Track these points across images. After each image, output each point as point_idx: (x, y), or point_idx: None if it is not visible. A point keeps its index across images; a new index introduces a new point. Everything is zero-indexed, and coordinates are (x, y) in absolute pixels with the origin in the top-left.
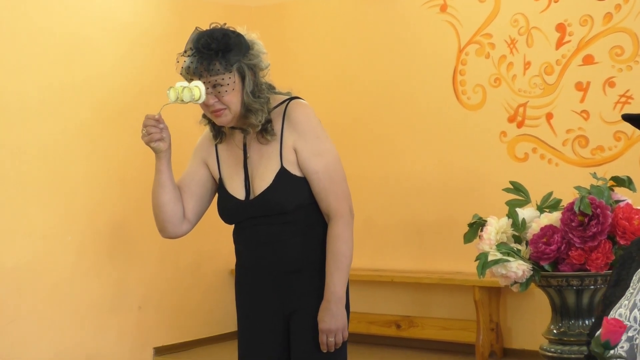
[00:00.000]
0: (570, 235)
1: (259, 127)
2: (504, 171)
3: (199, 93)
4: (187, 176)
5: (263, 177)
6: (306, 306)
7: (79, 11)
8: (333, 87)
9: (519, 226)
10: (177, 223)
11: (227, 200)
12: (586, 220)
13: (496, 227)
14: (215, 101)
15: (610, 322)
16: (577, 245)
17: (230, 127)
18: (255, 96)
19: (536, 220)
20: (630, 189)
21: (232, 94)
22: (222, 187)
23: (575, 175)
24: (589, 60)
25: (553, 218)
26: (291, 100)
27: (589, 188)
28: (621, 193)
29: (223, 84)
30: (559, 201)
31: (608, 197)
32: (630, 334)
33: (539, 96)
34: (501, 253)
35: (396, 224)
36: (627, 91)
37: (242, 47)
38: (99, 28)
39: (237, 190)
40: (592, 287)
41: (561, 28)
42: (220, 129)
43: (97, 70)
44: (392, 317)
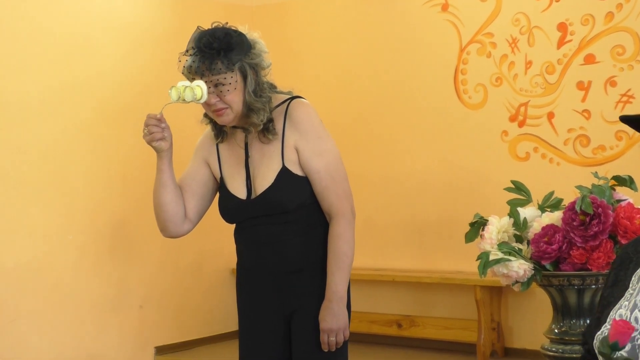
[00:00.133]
0: (572, 234)
1: (260, 127)
2: (505, 170)
3: (200, 92)
4: (188, 175)
5: (264, 177)
6: (307, 306)
7: (79, 11)
8: (334, 87)
9: (520, 225)
10: (178, 222)
11: (228, 199)
12: (587, 219)
13: (497, 226)
14: (217, 100)
15: (619, 323)
16: (579, 245)
17: (232, 127)
18: (257, 95)
19: (537, 219)
20: (632, 189)
21: (234, 94)
22: (223, 186)
23: (577, 175)
24: (590, 60)
25: (554, 217)
26: (293, 100)
27: (590, 187)
28: (622, 192)
29: (225, 84)
30: (560, 200)
31: (609, 196)
32: (632, 335)
33: (540, 95)
34: (502, 252)
35: (397, 223)
36: (629, 90)
37: (244, 47)
38: (99, 27)
39: (238, 190)
40: (593, 286)
41: (562, 27)
42: (221, 128)
43: (97, 69)
44: (393, 316)
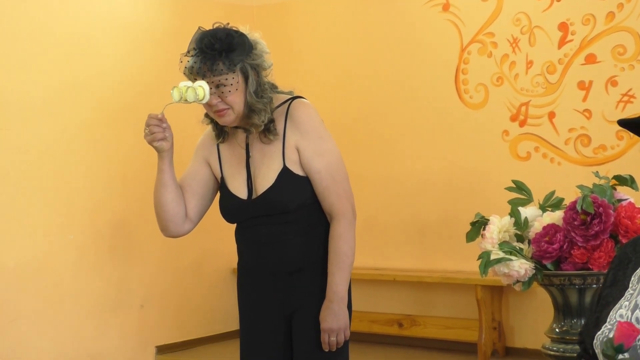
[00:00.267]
0: (573, 234)
1: (261, 127)
2: (506, 170)
3: (203, 93)
4: (189, 175)
5: (265, 177)
6: (307, 306)
7: (79, 11)
8: (335, 86)
9: (521, 225)
10: (179, 222)
11: (229, 199)
12: (588, 219)
13: (498, 225)
14: (218, 101)
15: (624, 325)
16: (580, 244)
17: (233, 127)
18: (258, 96)
19: (538, 219)
20: (633, 188)
21: (236, 94)
22: (224, 186)
23: (578, 174)
24: (591, 60)
25: (555, 217)
26: (294, 100)
27: (591, 187)
28: (623, 192)
29: (226, 84)
30: (562, 200)
31: (610, 196)
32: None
33: (541, 95)
34: (503, 252)
35: (398, 223)
36: (630, 90)
37: (246, 47)
38: (99, 27)
39: (239, 190)
40: (594, 285)
41: (563, 27)
42: (222, 128)
43: (98, 69)
44: (394, 316)
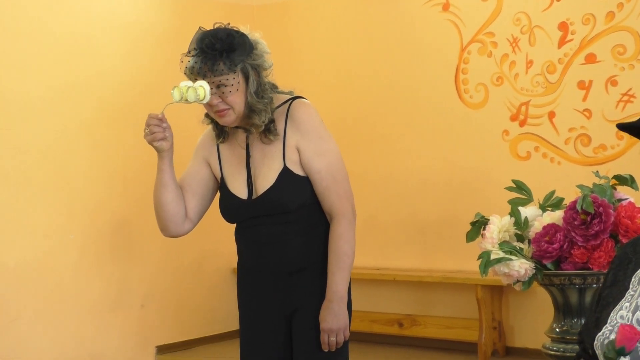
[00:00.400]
0: (573, 233)
1: (262, 127)
2: (506, 170)
3: (203, 93)
4: (189, 175)
5: (266, 177)
6: (308, 306)
7: (80, 11)
8: (335, 86)
9: (521, 225)
10: (179, 222)
11: (229, 199)
12: (588, 218)
13: (499, 225)
14: (219, 101)
15: (626, 328)
16: (580, 244)
17: (233, 127)
18: (259, 96)
19: (539, 218)
20: (633, 188)
21: (236, 95)
22: (224, 186)
23: (578, 174)
24: (591, 59)
25: (555, 217)
26: (294, 100)
27: (591, 187)
28: (623, 191)
29: (227, 85)
30: (562, 200)
31: (610, 195)
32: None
33: (541, 95)
34: (504, 252)
35: (398, 223)
36: (630, 90)
37: (246, 47)
38: (100, 27)
39: (239, 190)
40: (594, 285)
41: (563, 27)
42: (223, 128)
43: (98, 69)
44: (394, 315)
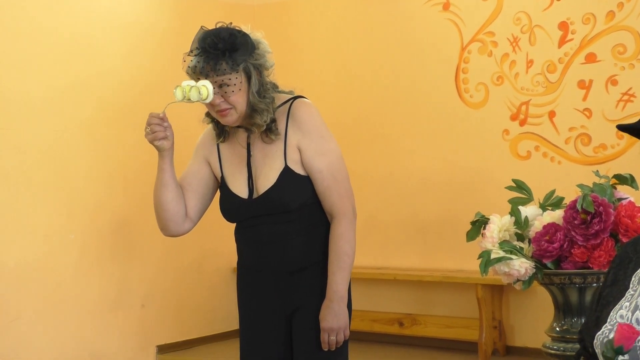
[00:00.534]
0: (573, 233)
1: (264, 127)
2: (506, 169)
3: (206, 92)
4: (189, 174)
5: (267, 176)
6: (308, 305)
7: (80, 10)
8: (335, 86)
9: (521, 224)
10: (179, 222)
11: (229, 198)
12: (589, 218)
13: (499, 225)
14: (221, 101)
15: (624, 327)
16: (580, 243)
17: (234, 126)
18: (261, 96)
19: (539, 218)
20: (633, 187)
21: (238, 94)
22: (224, 185)
23: (578, 173)
24: (591, 59)
25: (556, 216)
26: (295, 99)
27: (591, 186)
28: (623, 191)
29: (230, 84)
30: (562, 199)
31: (610, 195)
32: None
33: (541, 94)
34: (504, 251)
35: (399, 222)
36: (630, 89)
37: (249, 47)
38: (100, 27)
39: (240, 189)
40: (594, 284)
41: (564, 26)
42: (223, 127)
43: (98, 69)
44: (394, 315)
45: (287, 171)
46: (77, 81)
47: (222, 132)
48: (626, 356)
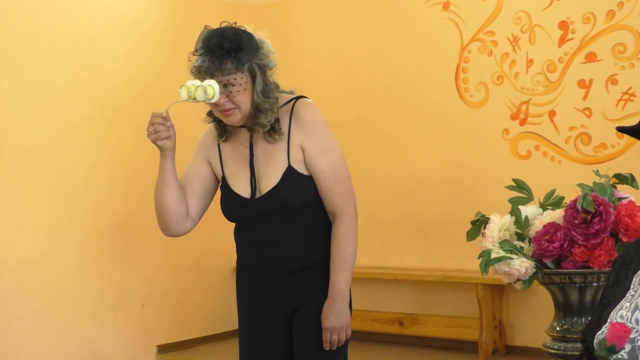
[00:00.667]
0: (573, 232)
1: (268, 127)
2: (506, 169)
3: (212, 92)
4: (190, 173)
5: (270, 176)
6: (308, 305)
7: (81, 10)
8: (335, 85)
9: (521, 224)
10: (181, 221)
11: (231, 198)
12: (589, 217)
13: (499, 224)
14: (226, 100)
15: (616, 326)
16: (580, 243)
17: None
18: (265, 96)
19: (539, 217)
20: (633, 186)
21: (243, 94)
22: (226, 185)
23: (578, 173)
24: (591, 58)
25: (556, 215)
26: (298, 99)
27: (591, 185)
28: (624, 190)
29: (235, 84)
30: (562, 198)
31: (611, 194)
32: (632, 336)
33: (541, 94)
34: (504, 250)
35: (399, 222)
36: (630, 88)
37: (253, 47)
38: (100, 27)
39: (242, 189)
40: (595, 284)
41: (564, 26)
42: (225, 127)
43: (99, 69)
44: (395, 314)
45: (290, 171)
46: (77, 81)
47: (224, 131)
48: (619, 355)
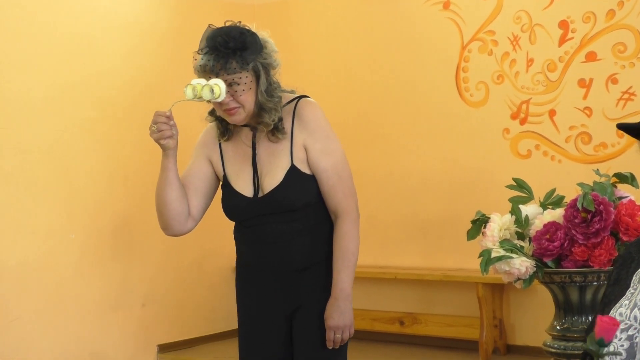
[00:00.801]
0: (573, 231)
1: (271, 126)
2: (507, 168)
3: (219, 91)
4: (191, 173)
5: (273, 175)
6: (309, 305)
7: (81, 10)
8: (336, 85)
9: (522, 223)
10: (182, 221)
11: (233, 197)
12: (589, 216)
13: (499, 223)
14: (230, 99)
15: (604, 319)
16: (580, 242)
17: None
18: (269, 95)
19: (539, 216)
20: (633, 186)
21: (248, 93)
22: (227, 184)
23: (578, 172)
24: (591, 57)
25: (556, 215)
26: (300, 99)
27: (592, 184)
28: (624, 189)
29: (240, 83)
30: (562, 198)
31: (611, 193)
32: (630, 333)
33: (541, 93)
34: (504, 250)
35: (399, 221)
36: (630, 88)
37: (257, 46)
38: (101, 26)
39: (244, 188)
40: (595, 283)
41: (564, 25)
42: (227, 126)
43: (99, 68)
44: (395, 313)
45: (293, 170)
46: (77, 81)
47: (225, 130)
48: (612, 348)
